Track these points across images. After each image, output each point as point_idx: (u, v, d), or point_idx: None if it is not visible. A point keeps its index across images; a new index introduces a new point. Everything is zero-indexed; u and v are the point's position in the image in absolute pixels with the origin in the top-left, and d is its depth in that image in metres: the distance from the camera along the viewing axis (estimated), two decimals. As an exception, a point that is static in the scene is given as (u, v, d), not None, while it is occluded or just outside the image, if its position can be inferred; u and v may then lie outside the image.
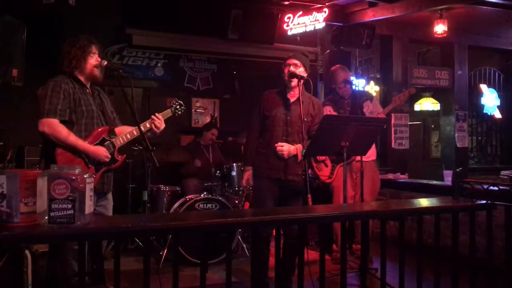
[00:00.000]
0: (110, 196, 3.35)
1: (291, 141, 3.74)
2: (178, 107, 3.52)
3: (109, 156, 3.17)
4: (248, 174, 3.87)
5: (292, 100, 3.79)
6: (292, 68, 3.76)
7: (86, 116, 3.16)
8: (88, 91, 3.27)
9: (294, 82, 3.74)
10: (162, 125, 3.31)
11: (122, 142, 3.25)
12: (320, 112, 3.90)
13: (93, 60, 3.23)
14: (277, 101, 3.81)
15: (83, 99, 3.18)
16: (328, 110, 4.74)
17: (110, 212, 3.33)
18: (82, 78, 3.24)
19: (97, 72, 3.24)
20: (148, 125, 3.30)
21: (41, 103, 3.06)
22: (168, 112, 3.46)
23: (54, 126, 3.04)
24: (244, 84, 7.00)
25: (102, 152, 3.14)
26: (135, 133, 3.23)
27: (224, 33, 6.31)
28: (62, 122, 3.09)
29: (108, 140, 3.21)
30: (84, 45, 3.20)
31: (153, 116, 3.31)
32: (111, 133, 3.27)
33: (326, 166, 4.82)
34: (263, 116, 3.81)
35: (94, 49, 3.24)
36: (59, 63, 3.22)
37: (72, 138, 3.07)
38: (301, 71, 3.77)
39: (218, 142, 6.48)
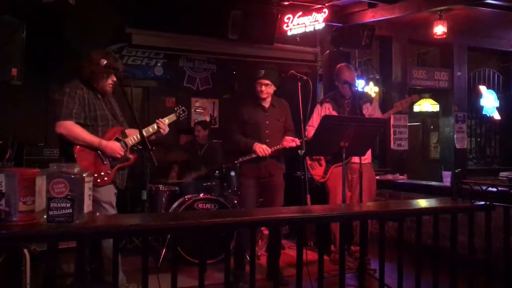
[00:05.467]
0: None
1: (271, 142, 4.18)
2: (182, 112, 3.92)
3: (124, 151, 3.42)
4: (259, 145, 4.11)
5: (267, 106, 4.29)
6: (263, 88, 4.17)
7: (101, 120, 3.39)
8: (99, 96, 3.47)
9: (266, 95, 4.24)
10: (166, 128, 3.64)
11: (133, 142, 3.52)
12: (289, 112, 4.39)
13: (110, 80, 3.45)
14: (255, 109, 4.27)
15: (97, 104, 3.40)
16: (327, 108, 4.75)
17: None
18: (95, 87, 3.45)
19: (110, 89, 3.48)
20: (154, 128, 3.58)
21: (58, 107, 3.30)
22: (172, 117, 3.80)
23: (70, 126, 3.27)
24: (244, 85, 6.99)
25: (117, 147, 3.38)
26: (145, 134, 3.41)
27: (224, 33, 6.30)
28: (77, 124, 3.31)
29: (121, 140, 3.45)
30: (113, 66, 3.36)
31: (157, 121, 3.61)
32: (123, 134, 3.52)
33: (320, 165, 4.82)
34: (243, 122, 4.24)
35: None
36: (81, 67, 3.40)
37: (88, 136, 3.29)
38: (270, 90, 4.22)
39: (218, 142, 6.46)
